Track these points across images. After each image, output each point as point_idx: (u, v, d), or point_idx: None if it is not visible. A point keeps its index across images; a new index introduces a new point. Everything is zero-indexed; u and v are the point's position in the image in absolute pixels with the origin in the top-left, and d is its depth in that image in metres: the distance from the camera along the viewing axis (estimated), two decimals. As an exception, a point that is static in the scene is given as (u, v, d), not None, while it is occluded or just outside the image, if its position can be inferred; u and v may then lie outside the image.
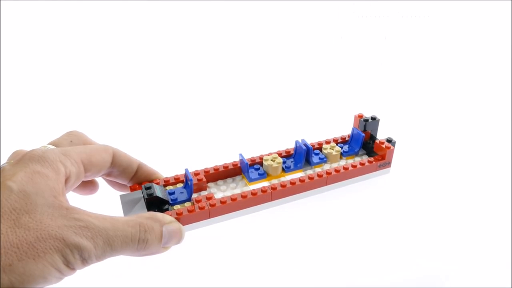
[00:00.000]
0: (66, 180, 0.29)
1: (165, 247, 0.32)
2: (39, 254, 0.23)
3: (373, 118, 0.45)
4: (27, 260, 0.23)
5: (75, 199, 0.35)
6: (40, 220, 0.24)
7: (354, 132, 0.48)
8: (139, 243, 0.29)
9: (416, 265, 0.41)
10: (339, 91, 0.79)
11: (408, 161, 0.53)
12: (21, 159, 0.28)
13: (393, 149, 0.45)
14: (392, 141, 0.45)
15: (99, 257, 0.26)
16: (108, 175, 0.36)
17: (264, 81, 0.82)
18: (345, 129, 0.50)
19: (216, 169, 0.43)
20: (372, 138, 0.46)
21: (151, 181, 0.39)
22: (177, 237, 0.33)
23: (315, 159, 0.45)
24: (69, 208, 0.26)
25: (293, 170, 0.44)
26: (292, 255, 0.41)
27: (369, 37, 1.00)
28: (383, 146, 0.45)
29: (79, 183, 0.32)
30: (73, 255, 0.25)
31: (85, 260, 0.25)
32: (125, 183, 0.38)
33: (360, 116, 0.47)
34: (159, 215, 0.32)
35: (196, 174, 0.41)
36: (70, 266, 0.25)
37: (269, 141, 0.50)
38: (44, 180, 0.26)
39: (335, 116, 0.60)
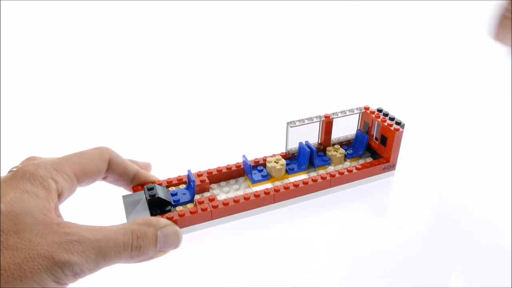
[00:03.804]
0: (59, 196, 0.29)
1: (162, 251, 0.31)
2: (26, 275, 0.23)
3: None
4: (14, 281, 0.23)
5: (78, 199, 0.35)
6: (29, 240, 0.24)
7: (358, 134, 0.48)
8: (133, 250, 0.28)
9: (417, 267, 0.41)
10: (343, 92, 0.79)
11: (413, 164, 0.52)
12: (13, 176, 0.28)
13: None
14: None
15: (92, 269, 0.26)
16: (103, 179, 0.36)
17: (267, 82, 0.82)
18: (349, 131, 0.49)
19: (219, 171, 0.42)
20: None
21: (153, 181, 0.39)
22: (174, 240, 0.32)
23: (318, 161, 0.45)
24: (60, 224, 0.26)
25: (296, 172, 0.44)
26: (295, 258, 0.41)
27: (371, 37, 1.00)
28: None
29: (73, 193, 0.32)
30: (64, 272, 0.24)
31: (77, 274, 0.25)
32: (121, 187, 0.38)
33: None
34: (153, 219, 0.32)
35: (199, 175, 0.41)
36: (61, 282, 0.25)
37: (273, 143, 0.49)
38: (33, 199, 0.26)
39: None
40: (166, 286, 0.37)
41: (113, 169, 0.35)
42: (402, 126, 0.43)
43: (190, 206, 0.38)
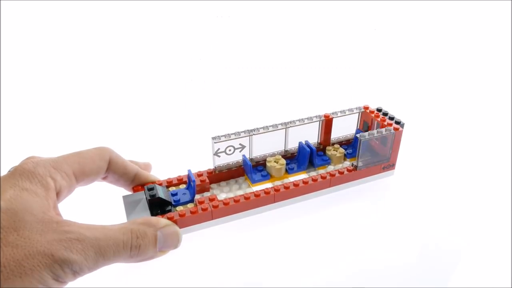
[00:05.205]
0: (58, 194, 0.29)
1: (162, 251, 0.31)
2: (26, 272, 0.23)
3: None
4: (14, 278, 0.23)
5: (78, 199, 0.35)
6: (28, 237, 0.24)
7: (358, 134, 0.48)
8: (132, 249, 0.28)
9: (417, 266, 0.41)
10: (343, 92, 0.79)
11: (413, 163, 0.52)
12: (12, 174, 0.28)
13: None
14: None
15: (92, 268, 0.26)
16: (104, 179, 0.36)
17: (267, 81, 0.82)
18: (349, 130, 0.49)
19: (219, 170, 0.42)
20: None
21: (153, 181, 0.39)
22: (174, 241, 0.32)
23: (318, 160, 0.45)
24: (59, 222, 0.26)
25: (296, 171, 0.44)
26: (295, 257, 0.41)
27: (371, 36, 1.00)
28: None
29: (72, 193, 0.32)
30: (63, 270, 0.24)
31: (76, 272, 0.25)
32: (121, 187, 0.38)
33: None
34: (153, 219, 0.32)
35: (199, 175, 0.41)
36: (60, 280, 0.25)
37: (273, 143, 0.49)
38: (32, 197, 0.27)
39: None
40: (166, 286, 0.37)
41: (113, 169, 0.35)
42: (402, 126, 0.43)
43: (190, 206, 0.38)
